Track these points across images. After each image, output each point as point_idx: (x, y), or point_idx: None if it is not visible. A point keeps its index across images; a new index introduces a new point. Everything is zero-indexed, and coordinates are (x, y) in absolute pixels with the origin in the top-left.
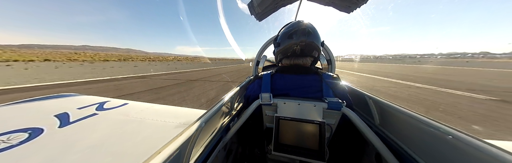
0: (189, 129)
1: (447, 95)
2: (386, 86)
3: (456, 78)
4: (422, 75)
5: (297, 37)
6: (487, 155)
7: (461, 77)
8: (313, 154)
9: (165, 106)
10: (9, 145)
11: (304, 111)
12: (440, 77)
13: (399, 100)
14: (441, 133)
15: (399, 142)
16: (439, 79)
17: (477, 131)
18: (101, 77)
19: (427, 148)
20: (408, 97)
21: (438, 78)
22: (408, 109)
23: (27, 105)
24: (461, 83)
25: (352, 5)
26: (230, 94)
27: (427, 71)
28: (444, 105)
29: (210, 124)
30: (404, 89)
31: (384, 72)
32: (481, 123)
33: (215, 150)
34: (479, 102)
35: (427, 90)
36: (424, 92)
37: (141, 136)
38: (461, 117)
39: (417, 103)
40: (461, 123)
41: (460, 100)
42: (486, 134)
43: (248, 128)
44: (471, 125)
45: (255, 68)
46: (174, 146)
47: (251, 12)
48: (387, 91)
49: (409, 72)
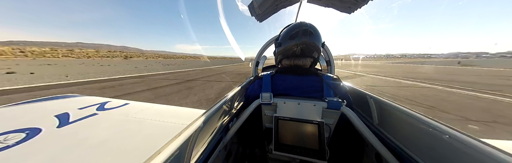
0: (188, 129)
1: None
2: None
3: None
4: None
5: (299, 38)
6: (484, 155)
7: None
8: (313, 153)
9: (165, 106)
10: (5, 146)
11: (303, 111)
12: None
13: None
14: (440, 132)
15: (398, 141)
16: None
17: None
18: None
19: (426, 147)
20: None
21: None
22: (408, 108)
23: (29, 106)
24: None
25: (352, 6)
26: (230, 94)
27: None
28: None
29: (210, 124)
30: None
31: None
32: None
33: (215, 150)
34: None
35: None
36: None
37: (141, 136)
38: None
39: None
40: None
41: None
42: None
43: (248, 128)
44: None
45: (254, 69)
46: (174, 146)
47: (252, 13)
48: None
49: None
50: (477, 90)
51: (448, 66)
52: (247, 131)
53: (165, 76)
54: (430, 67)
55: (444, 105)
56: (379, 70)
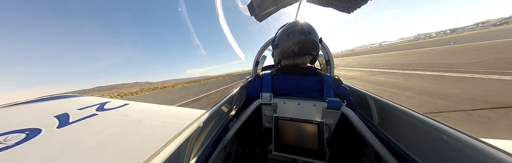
0: (188, 130)
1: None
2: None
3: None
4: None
5: (295, 37)
6: (484, 155)
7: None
8: (313, 154)
9: (165, 106)
10: (5, 146)
11: (303, 111)
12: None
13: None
14: (440, 132)
15: (397, 141)
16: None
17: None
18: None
19: (425, 147)
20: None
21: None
22: (408, 107)
23: (28, 106)
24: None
25: (352, 5)
26: (229, 95)
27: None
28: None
29: (210, 124)
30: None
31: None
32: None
33: (215, 150)
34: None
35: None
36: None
37: (141, 137)
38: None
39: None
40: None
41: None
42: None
43: (248, 128)
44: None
45: (254, 68)
46: (173, 147)
47: (251, 13)
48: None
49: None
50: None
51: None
52: (247, 131)
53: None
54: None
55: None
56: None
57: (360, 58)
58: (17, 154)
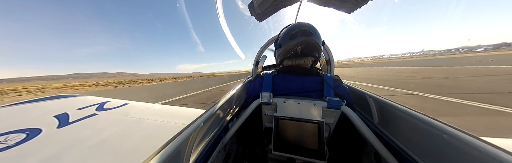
0: (188, 129)
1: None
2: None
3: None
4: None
5: (299, 38)
6: (484, 154)
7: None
8: (313, 154)
9: (164, 106)
10: (5, 146)
11: (303, 110)
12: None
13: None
14: (440, 131)
15: (397, 140)
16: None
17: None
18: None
19: (425, 146)
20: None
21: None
22: (408, 107)
23: (28, 106)
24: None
25: (352, 5)
26: (229, 94)
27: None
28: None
29: (209, 124)
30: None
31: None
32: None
33: (215, 150)
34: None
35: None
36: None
37: (140, 136)
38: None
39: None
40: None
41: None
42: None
43: (248, 128)
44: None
45: (254, 68)
46: (173, 147)
47: (251, 13)
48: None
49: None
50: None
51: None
52: (247, 131)
53: None
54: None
55: None
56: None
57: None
58: (17, 154)
